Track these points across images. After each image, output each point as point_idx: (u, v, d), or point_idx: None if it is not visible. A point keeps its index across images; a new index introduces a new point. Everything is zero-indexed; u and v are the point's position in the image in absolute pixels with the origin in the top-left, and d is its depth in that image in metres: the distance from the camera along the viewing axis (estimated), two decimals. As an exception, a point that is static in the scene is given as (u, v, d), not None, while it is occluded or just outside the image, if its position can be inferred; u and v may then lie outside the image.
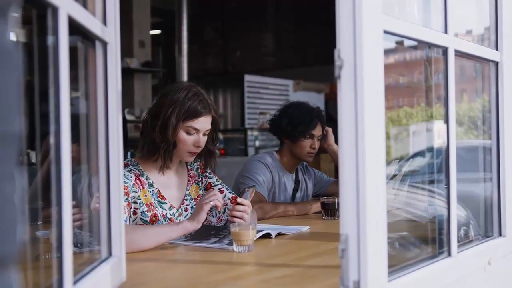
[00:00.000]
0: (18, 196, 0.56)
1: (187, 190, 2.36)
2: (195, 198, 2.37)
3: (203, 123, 2.22)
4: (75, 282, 1.08)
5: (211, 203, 2.02)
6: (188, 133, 2.20)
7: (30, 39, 1.06)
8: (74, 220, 1.11)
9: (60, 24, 1.00)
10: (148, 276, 1.62)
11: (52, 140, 1.00)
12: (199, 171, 2.43)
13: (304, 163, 3.20)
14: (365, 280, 1.16)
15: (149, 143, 2.22)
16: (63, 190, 1.01)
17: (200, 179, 2.42)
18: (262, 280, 1.54)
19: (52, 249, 1.39)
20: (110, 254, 1.37)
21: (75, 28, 1.10)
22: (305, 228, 2.37)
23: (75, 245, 1.18)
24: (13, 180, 0.54)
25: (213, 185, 2.41)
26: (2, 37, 0.53)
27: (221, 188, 2.40)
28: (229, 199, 2.36)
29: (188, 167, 2.41)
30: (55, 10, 0.99)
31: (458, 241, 1.56)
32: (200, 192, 2.40)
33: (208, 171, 2.43)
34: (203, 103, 2.21)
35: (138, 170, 2.23)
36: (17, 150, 0.56)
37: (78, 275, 1.15)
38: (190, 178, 2.39)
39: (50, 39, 1.01)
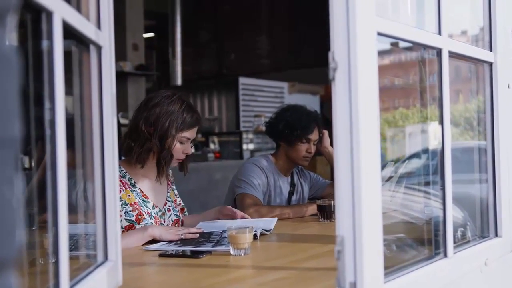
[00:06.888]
0: (17, 199, 0.56)
1: (168, 192, 2.46)
2: (174, 201, 2.48)
3: (195, 132, 2.36)
4: (71, 287, 1.08)
5: (178, 236, 2.10)
6: (181, 142, 2.31)
7: (24, 43, 1.05)
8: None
9: (54, 29, 1.00)
10: (145, 280, 1.61)
11: (47, 144, 1.00)
12: (172, 179, 2.54)
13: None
14: (361, 282, 1.16)
15: (145, 152, 2.27)
16: (58, 195, 1.01)
17: (173, 186, 2.54)
18: (260, 283, 1.54)
19: (45, 254, 1.39)
20: (106, 258, 1.37)
21: (68, 32, 1.10)
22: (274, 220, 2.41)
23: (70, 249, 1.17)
24: (12, 184, 0.54)
25: (176, 197, 2.53)
26: (0, 42, 0.53)
27: (180, 203, 2.55)
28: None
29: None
30: (49, 14, 0.99)
31: (455, 242, 1.56)
32: (176, 197, 2.53)
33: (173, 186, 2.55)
34: (196, 114, 2.35)
35: (120, 172, 2.26)
36: (15, 154, 0.56)
37: (74, 279, 1.14)
38: (169, 183, 2.50)
39: (44, 43, 1.01)
